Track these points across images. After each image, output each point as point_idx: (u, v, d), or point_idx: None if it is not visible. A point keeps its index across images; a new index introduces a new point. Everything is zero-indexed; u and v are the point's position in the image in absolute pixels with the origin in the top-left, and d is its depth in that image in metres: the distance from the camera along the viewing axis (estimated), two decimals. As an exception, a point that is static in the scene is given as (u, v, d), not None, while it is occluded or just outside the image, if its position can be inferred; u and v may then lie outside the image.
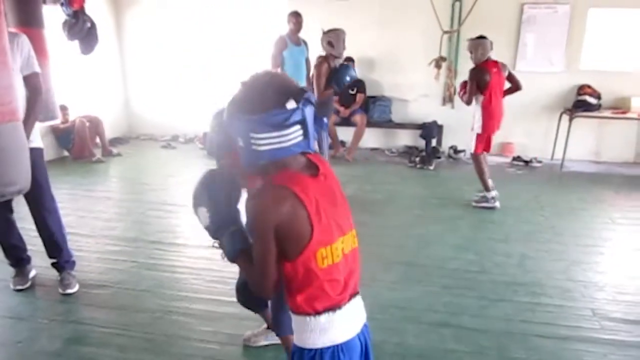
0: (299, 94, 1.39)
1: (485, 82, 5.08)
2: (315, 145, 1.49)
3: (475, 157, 5.38)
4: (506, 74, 5.32)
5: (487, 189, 5.33)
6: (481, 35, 5.30)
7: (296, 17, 6.21)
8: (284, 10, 6.64)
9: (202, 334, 3.03)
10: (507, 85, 5.40)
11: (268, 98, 1.37)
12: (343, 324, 1.49)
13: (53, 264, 3.60)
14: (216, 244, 1.63)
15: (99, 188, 6.14)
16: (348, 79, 5.02)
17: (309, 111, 1.40)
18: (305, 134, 1.40)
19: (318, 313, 1.46)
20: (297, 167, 1.46)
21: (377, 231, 4.52)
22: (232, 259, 1.57)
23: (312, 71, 5.55)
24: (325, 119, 2.33)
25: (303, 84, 6.35)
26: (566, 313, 3.33)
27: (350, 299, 1.51)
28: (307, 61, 6.43)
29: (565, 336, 3.06)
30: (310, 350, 1.49)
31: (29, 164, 2.76)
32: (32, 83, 3.19)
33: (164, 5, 8.28)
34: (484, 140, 5.31)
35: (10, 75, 2.55)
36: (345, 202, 1.55)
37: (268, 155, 1.39)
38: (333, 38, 4.96)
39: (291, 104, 1.36)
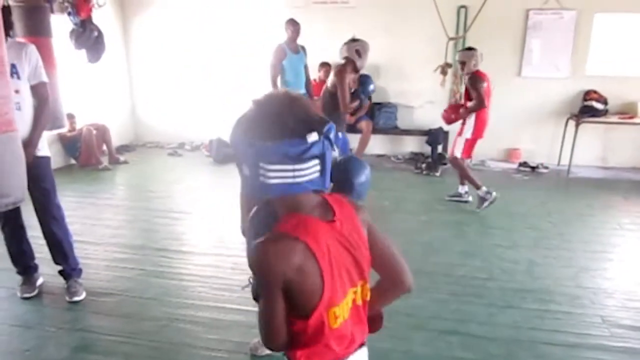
0: (321, 125, 1.24)
1: (482, 88, 5.19)
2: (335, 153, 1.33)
3: (457, 160, 5.47)
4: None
5: (478, 186, 5.36)
6: (470, 47, 5.48)
7: (293, 25, 6.23)
8: (288, 15, 6.66)
9: (209, 342, 3.02)
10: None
11: (287, 126, 1.20)
12: None
13: (60, 272, 3.61)
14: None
15: (105, 196, 6.16)
16: (372, 87, 5.02)
17: (328, 145, 1.25)
18: (323, 170, 1.25)
19: None
20: (309, 207, 1.30)
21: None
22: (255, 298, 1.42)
23: (314, 78, 5.53)
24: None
25: (302, 91, 6.38)
26: (575, 320, 3.30)
27: (355, 351, 1.39)
28: (306, 68, 6.46)
29: (574, 344, 3.04)
30: None
31: (24, 176, 2.74)
32: (40, 92, 3.21)
33: (170, 14, 8.32)
34: (471, 146, 5.41)
35: (7, 85, 2.53)
36: (364, 250, 1.38)
37: (278, 189, 1.23)
38: (361, 48, 4.76)
39: (313, 137, 1.21)
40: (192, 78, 8.43)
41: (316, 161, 1.23)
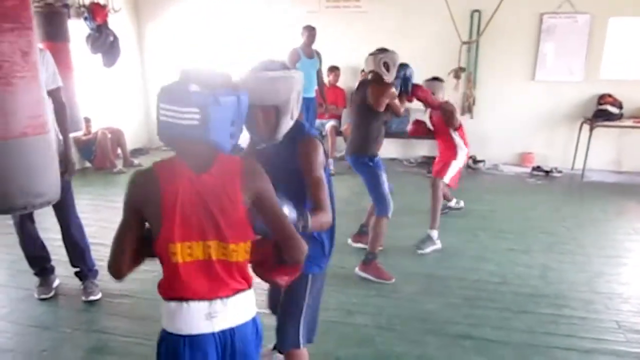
0: (209, 86, 1.46)
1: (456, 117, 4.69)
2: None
3: (439, 185, 4.68)
4: None
5: (434, 226, 4.61)
6: (437, 77, 5.03)
7: (309, 31, 6.28)
8: (302, 19, 6.69)
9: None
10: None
11: (185, 73, 1.50)
12: (191, 319, 1.55)
13: (76, 273, 3.65)
14: None
15: (120, 199, 6.07)
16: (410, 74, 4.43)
17: (214, 102, 1.43)
18: (203, 122, 1.42)
19: (169, 299, 1.58)
20: (187, 155, 1.52)
21: (395, 242, 4.51)
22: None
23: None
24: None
25: (312, 95, 6.41)
26: (590, 325, 3.28)
27: (209, 299, 1.55)
28: (319, 73, 6.48)
29: (589, 349, 3.02)
30: (163, 330, 1.63)
31: (58, 176, 2.83)
32: (58, 97, 3.28)
33: (184, 18, 8.39)
34: (458, 175, 4.82)
35: (40, 89, 2.64)
36: (232, 212, 1.51)
37: (163, 128, 1.48)
38: (390, 60, 4.08)
39: (194, 87, 1.43)
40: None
41: (195, 110, 1.41)
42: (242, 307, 1.62)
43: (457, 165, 4.71)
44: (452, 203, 5.49)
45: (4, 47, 2.47)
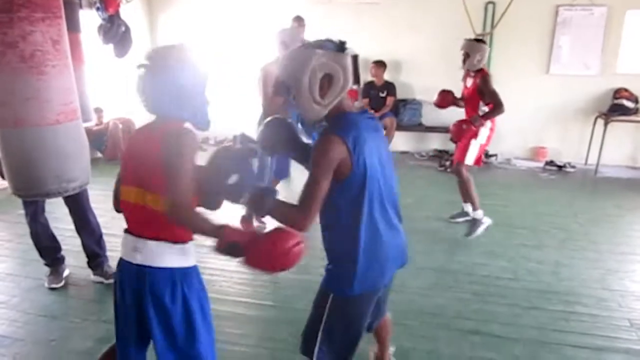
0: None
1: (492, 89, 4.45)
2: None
3: (465, 169, 4.59)
4: None
5: (476, 207, 4.57)
6: (480, 38, 4.91)
7: (299, 22, 6.20)
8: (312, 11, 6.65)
9: (231, 336, 3.04)
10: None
11: None
12: (125, 247, 1.92)
13: (92, 260, 3.71)
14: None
15: (130, 189, 6.21)
16: None
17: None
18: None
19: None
20: (151, 121, 1.97)
21: (406, 236, 4.47)
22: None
23: None
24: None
25: None
26: (602, 323, 3.24)
27: (136, 235, 1.88)
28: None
29: (601, 347, 2.98)
30: None
31: (89, 161, 2.89)
32: None
33: (196, 9, 8.38)
34: (483, 152, 4.79)
35: (71, 77, 2.71)
36: (150, 166, 1.78)
37: None
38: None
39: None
40: (217, 73, 8.46)
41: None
42: (158, 253, 1.86)
43: (478, 143, 4.56)
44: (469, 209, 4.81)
45: (36, 36, 2.53)
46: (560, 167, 7.15)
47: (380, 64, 7.25)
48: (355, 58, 1.90)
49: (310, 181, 1.84)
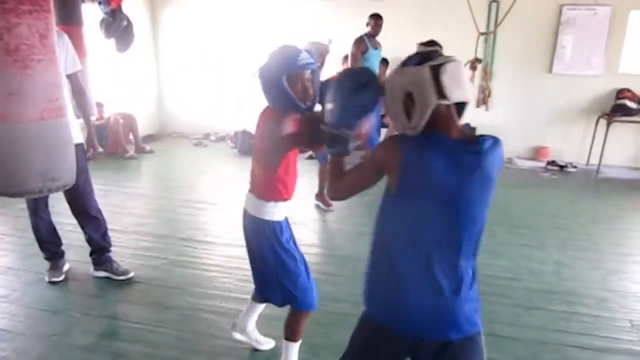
0: None
1: None
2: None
3: None
4: None
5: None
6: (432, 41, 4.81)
7: (376, 20, 6.16)
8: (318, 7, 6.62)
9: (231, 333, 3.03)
10: None
11: None
12: None
13: (99, 255, 3.68)
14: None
15: (131, 184, 6.22)
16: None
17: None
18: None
19: None
20: None
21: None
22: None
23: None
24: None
25: None
26: (603, 324, 3.24)
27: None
28: (381, 65, 6.44)
29: (602, 348, 2.98)
30: None
31: (74, 160, 2.84)
32: (77, 80, 3.31)
33: (199, 3, 8.36)
34: None
35: (57, 72, 2.65)
36: (257, 141, 2.39)
37: None
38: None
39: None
40: (219, 69, 8.45)
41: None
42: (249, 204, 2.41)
43: None
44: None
45: (22, 29, 2.47)
46: (562, 167, 7.14)
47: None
48: (435, 68, 1.59)
49: (357, 165, 1.74)
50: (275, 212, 2.35)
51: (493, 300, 3.48)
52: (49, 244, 3.64)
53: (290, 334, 2.51)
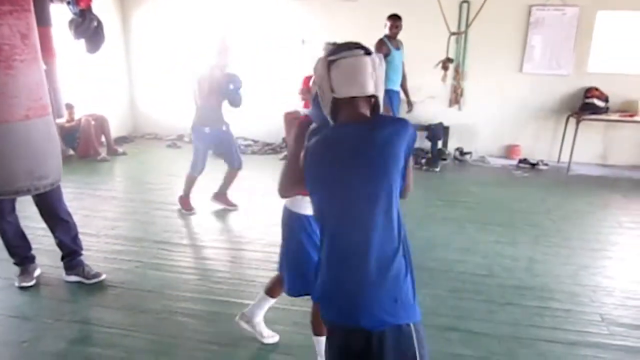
0: None
1: None
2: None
3: None
4: None
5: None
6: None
7: (394, 21, 6.15)
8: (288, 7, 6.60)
9: (207, 335, 3.01)
10: None
11: None
12: None
13: (70, 259, 3.62)
14: None
15: (104, 187, 6.13)
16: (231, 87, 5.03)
17: None
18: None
19: None
20: None
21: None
22: None
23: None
24: None
25: (398, 88, 6.42)
26: (574, 318, 3.30)
27: None
28: (403, 64, 6.44)
29: (573, 341, 3.03)
30: None
31: (60, 158, 2.84)
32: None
33: (170, 4, 8.27)
34: None
35: (41, 71, 2.65)
36: None
37: None
38: None
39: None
40: (192, 68, 8.36)
41: None
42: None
43: None
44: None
45: (4, 29, 2.47)
46: (533, 164, 7.26)
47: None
48: (330, 63, 1.63)
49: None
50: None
51: (467, 296, 3.53)
52: (18, 248, 3.57)
53: (316, 328, 2.53)
